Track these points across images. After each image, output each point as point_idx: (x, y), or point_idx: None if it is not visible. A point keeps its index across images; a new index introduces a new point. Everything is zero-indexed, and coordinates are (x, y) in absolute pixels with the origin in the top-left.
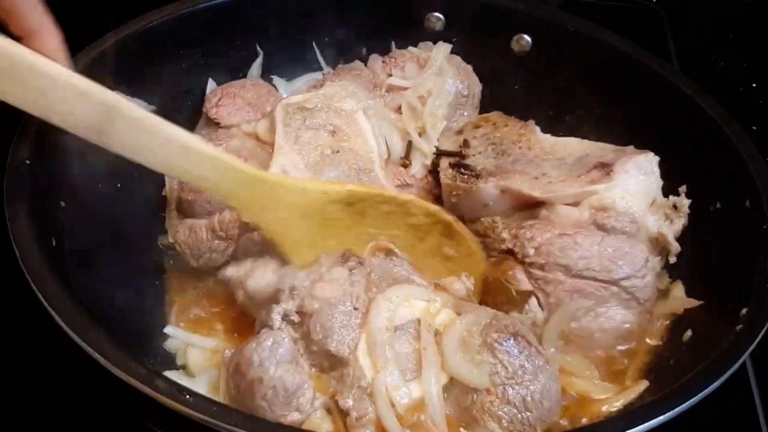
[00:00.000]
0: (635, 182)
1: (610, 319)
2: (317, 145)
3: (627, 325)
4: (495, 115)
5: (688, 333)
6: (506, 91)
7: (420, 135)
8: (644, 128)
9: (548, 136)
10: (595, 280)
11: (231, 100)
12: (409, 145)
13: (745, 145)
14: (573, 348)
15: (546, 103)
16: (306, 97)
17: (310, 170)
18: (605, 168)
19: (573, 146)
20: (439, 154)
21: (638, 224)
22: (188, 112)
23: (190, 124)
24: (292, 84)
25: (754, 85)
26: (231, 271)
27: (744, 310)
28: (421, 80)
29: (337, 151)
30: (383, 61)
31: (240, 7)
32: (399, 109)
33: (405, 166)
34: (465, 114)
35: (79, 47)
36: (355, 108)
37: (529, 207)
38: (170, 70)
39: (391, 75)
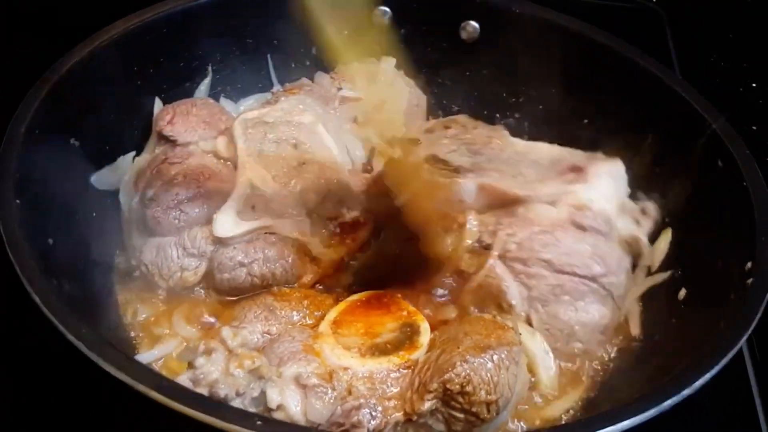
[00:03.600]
0: (607, 185)
1: (589, 314)
2: (281, 158)
3: (605, 321)
4: (463, 118)
5: (683, 291)
6: (458, 78)
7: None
8: (600, 104)
9: (518, 139)
10: (576, 275)
11: (185, 118)
12: (372, 152)
13: (705, 107)
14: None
15: (498, 87)
16: (264, 112)
17: (278, 182)
18: (579, 171)
19: (545, 150)
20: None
21: (611, 225)
22: (137, 131)
23: (140, 143)
24: (240, 105)
25: (754, 85)
26: None
27: (749, 264)
28: (374, 90)
29: (303, 163)
30: (331, 77)
31: (187, 26)
32: (354, 120)
33: (368, 172)
34: (417, 123)
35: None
36: (314, 121)
37: (505, 205)
38: (118, 90)
39: (341, 88)
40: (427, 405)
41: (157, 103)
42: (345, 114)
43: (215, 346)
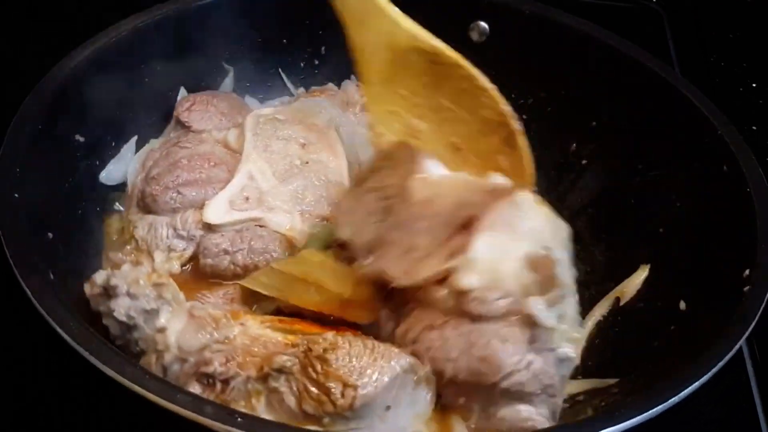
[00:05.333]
0: (499, 244)
1: (505, 418)
2: (286, 154)
3: (532, 422)
4: (397, 146)
5: (682, 304)
6: None
7: None
8: (609, 106)
9: (427, 178)
10: (470, 385)
11: (204, 107)
12: None
13: (712, 111)
14: None
15: (508, 89)
16: (278, 110)
17: (277, 178)
18: (469, 227)
19: (450, 192)
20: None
21: (510, 299)
22: (146, 128)
23: (159, 129)
24: (265, 105)
25: (754, 85)
26: None
27: (747, 271)
28: None
29: (307, 162)
30: (357, 84)
31: (211, 22)
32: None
33: None
34: None
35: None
36: (328, 124)
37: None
38: (143, 76)
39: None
40: (283, 358)
41: (182, 92)
42: (364, 120)
43: (143, 261)
